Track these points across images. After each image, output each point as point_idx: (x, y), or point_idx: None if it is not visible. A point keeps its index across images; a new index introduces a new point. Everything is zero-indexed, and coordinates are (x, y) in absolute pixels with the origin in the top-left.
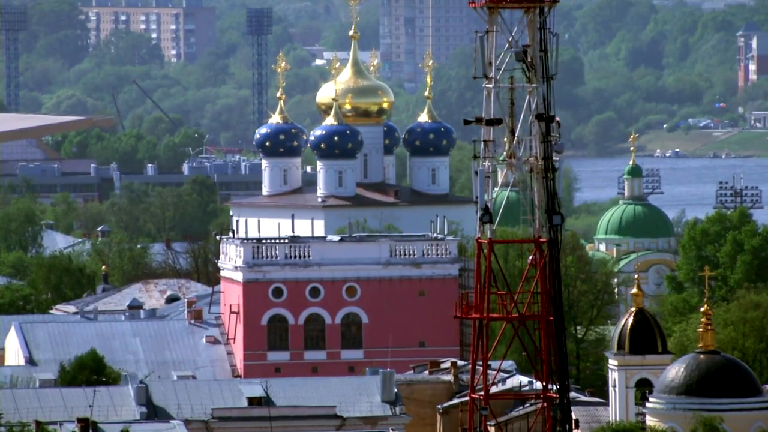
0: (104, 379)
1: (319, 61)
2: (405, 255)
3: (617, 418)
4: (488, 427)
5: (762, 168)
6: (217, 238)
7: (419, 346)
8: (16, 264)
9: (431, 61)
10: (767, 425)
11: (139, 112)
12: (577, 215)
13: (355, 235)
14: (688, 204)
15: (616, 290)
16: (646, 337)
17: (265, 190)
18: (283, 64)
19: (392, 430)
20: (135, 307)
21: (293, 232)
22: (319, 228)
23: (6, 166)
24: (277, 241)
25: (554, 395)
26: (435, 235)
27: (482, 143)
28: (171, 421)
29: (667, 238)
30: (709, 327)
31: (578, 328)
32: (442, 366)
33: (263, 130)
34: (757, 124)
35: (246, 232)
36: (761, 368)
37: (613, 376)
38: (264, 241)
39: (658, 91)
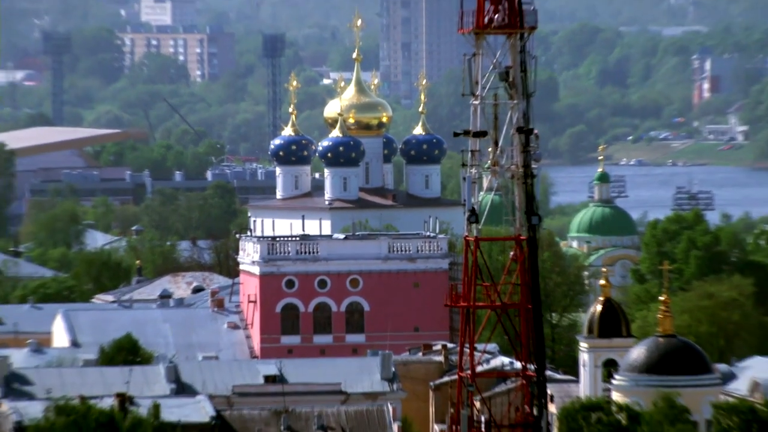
0: (138, 359)
1: (326, 81)
2: (401, 251)
3: (587, 394)
4: (474, 402)
5: (714, 175)
6: (237, 236)
7: (414, 331)
8: (61, 259)
9: (425, 81)
10: (717, 399)
11: (168, 125)
12: (553, 216)
13: (357, 233)
14: (649, 206)
15: (586, 282)
16: (613, 323)
17: (279, 194)
18: (294, 83)
19: (390, 404)
20: (165, 296)
21: (303, 231)
22: (326, 227)
23: (52, 173)
24: (289, 238)
25: (532, 374)
26: (428, 233)
27: (469, 153)
28: (197, 396)
29: (631, 236)
30: (667, 314)
31: (553, 315)
32: (434, 348)
33: (277, 141)
34: (710, 136)
35: (262, 231)
36: (712, 350)
37: (584, 357)
38: (278, 239)
39: (624, 107)
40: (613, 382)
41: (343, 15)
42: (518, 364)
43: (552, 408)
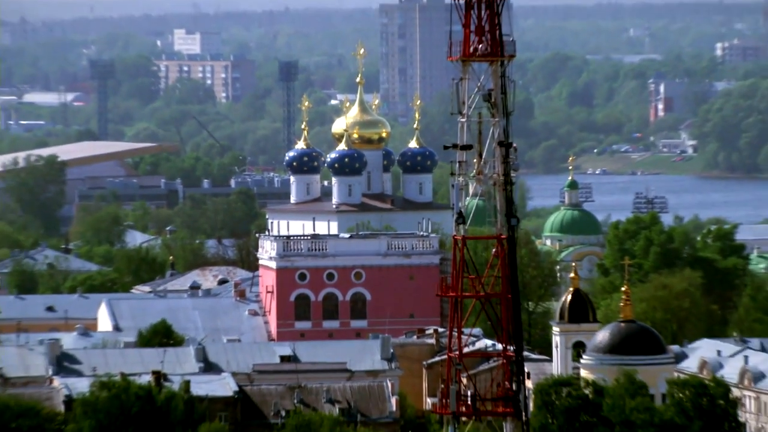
0: (171, 342)
1: (333, 101)
2: (399, 248)
3: (559, 372)
4: (461, 379)
5: (668, 183)
6: (257, 235)
7: (409, 317)
8: (105, 255)
9: (418, 101)
10: (671, 376)
11: (197, 140)
12: (529, 218)
13: (361, 233)
14: (612, 210)
15: (558, 275)
16: (581, 310)
17: (293, 199)
18: (306, 103)
19: (389, 380)
20: (194, 287)
21: (314, 231)
22: (334, 228)
23: (97, 181)
24: (302, 237)
25: (511, 354)
26: (421, 233)
27: (457, 163)
28: (222, 374)
29: (596, 236)
30: (627, 302)
31: (530, 303)
32: (427, 332)
33: (291, 153)
34: (664, 149)
35: (278, 231)
36: (666, 333)
37: (556, 339)
38: (292, 237)
39: (590, 124)
40: (582, 361)
41: (348, 45)
42: (499, 346)
43: (529, 384)
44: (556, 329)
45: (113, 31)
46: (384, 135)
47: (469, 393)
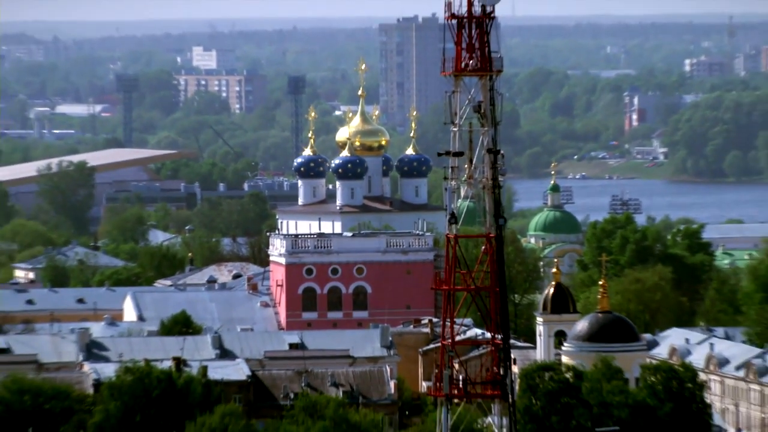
0: (190, 330)
1: (337, 112)
2: (397, 246)
3: (542, 358)
4: (454, 364)
5: (641, 187)
6: (268, 234)
7: (406, 309)
8: (130, 252)
9: (415, 112)
10: (644, 361)
11: (213, 147)
12: (515, 218)
13: (362, 232)
14: (590, 211)
15: (541, 270)
16: (562, 302)
17: (301, 201)
18: (312, 114)
19: (388, 366)
20: (211, 281)
21: (320, 230)
22: (338, 227)
23: (123, 185)
24: (308, 236)
25: (499, 342)
26: (417, 232)
27: (450, 169)
28: (236, 360)
29: (576, 234)
30: (604, 295)
31: (516, 296)
32: (422, 322)
33: (299, 159)
34: (638, 156)
35: (287, 230)
36: (640, 323)
37: (540, 328)
38: (299, 236)
39: (571, 133)
40: (563, 348)
41: (351, 61)
42: (488, 335)
43: (515, 369)
44: (539, 319)
45: (137, 48)
46: (383, 143)
47: (460, 377)
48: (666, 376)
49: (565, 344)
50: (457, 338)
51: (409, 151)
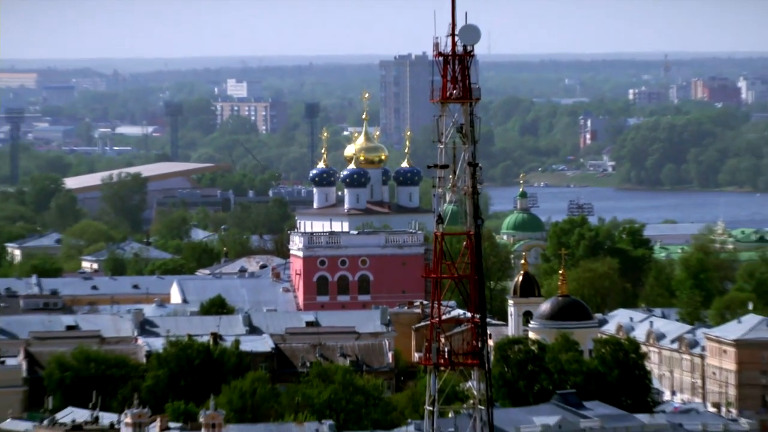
0: (225, 311)
1: (345, 133)
2: (394, 242)
3: (512, 333)
4: (441, 338)
5: (593, 193)
6: (288, 232)
7: (402, 293)
8: (176, 247)
9: (409, 132)
10: (596, 336)
11: (244, 161)
12: (490, 219)
13: (366, 230)
14: (552, 213)
15: (512, 261)
16: (529, 288)
17: (315, 205)
18: (325, 134)
19: (386, 340)
20: (242, 271)
21: (331, 228)
22: (345, 227)
23: (170, 192)
24: (322, 234)
25: (477, 320)
26: (411, 230)
27: (437, 179)
28: (262, 335)
29: (541, 232)
30: (563, 282)
31: (491, 282)
32: (415, 304)
33: (314, 171)
34: (591, 168)
35: (304, 229)
36: (592, 305)
37: (511, 309)
38: (314, 234)
39: (536, 149)
40: (529, 325)
41: (357, 91)
42: (469, 315)
43: (490, 342)
44: (510, 302)
45: (182, 80)
46: (383, 158)
47: (446, 349)
48: (614, 348)
49: (531, 322)
50: (443, 317)
51: (404, 165)
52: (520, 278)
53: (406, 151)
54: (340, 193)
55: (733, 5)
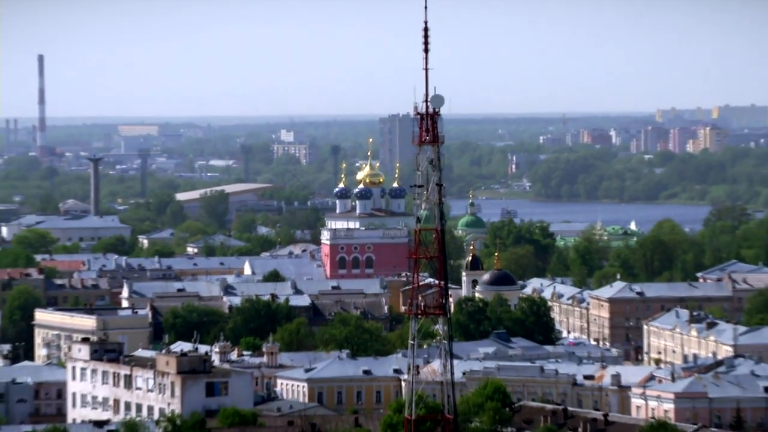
0: (279, 279)
1: (357, 164)
2: (389, 235)
3: (465, 294)
4: (419, 297)
5: (517, 204)
6: (320, 228)
7: (394, 268)
8: (247, 238)
9: (398, 164)
10: (519, 297)
11: (292, 182)
12: (450, 220)
13: (370, 227)
14: (490, 216)
15: (464, 247)
16: (476, 264)
17: (337, 211)
18: (344, 165)
19: (384, 298)
20: (290, 254)
21: (347, 226)
22: (357, 225)
23: (244, 203)
24: (342, 230)
25: (442, 285)
26: (400, 227)
27: (417, 194)
28: (303, 295)
29: (483, 229)
30: (498, 261)
31: (451, 261)
32: (402, 275)
33: (337, 189)
34: (516, 187)
35: (330, 226)
36: (517, 276)
37: (464, 278)
38: (337, 229)
39: (481, 175)
40: (476, 289)
41: (364, 137)
42: (436, 282)
43: (451, 300)
44: (463, 273)
45: (251, 130)
46: (381, 180)
47: (422, 304)
48: (530, 304)
49: (477, 287)
50: (420, 283)
51: (395, 185)
52: (470, 258)
53: (396, 176)
54: (353, 203)
55: (610, 78)
